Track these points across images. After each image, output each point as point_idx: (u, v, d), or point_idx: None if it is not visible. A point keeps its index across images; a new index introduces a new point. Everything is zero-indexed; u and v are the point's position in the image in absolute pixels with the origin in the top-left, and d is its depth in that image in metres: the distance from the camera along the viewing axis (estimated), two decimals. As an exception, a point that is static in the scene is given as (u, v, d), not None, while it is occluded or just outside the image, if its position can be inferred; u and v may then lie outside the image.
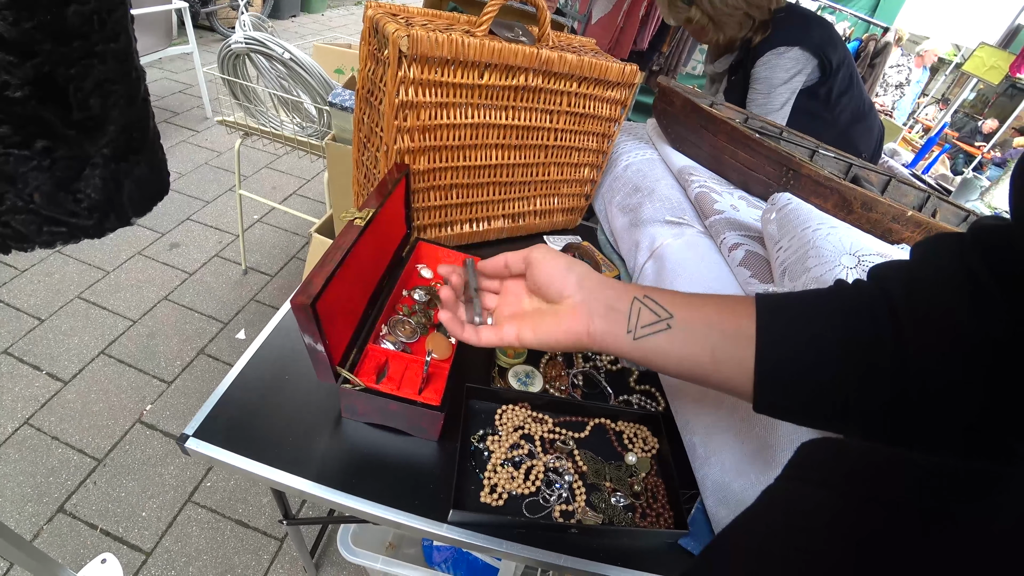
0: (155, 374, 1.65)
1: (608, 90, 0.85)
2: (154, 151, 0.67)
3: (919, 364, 0.35)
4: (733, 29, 1.37)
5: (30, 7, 0.45)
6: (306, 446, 0.59)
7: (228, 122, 1.64)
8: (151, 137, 0.66)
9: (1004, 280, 0.32)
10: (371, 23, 0.73)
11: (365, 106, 0.79)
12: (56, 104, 0.51)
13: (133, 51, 0.59)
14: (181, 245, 2.17)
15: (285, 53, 1.40)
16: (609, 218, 0.96)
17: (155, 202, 0.69)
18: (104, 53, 0.54)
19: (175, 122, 3.04)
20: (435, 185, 0.79)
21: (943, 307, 0.34)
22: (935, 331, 0.34)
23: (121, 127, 0.59)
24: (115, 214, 0.62)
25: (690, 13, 1.39)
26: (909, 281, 0.37)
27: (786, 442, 0.55)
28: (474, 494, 0.57)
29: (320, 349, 0.52)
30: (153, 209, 0.67)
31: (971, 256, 0.34)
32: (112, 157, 0.59)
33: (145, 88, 0.63)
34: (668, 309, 0.44)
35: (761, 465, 0.56)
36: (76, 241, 0.60)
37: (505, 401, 0.65)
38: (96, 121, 0.56)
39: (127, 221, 0.64)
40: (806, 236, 0.64)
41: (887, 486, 0.29)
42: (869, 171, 1.05)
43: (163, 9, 2.75)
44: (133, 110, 0.61)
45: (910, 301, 0.36)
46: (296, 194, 2.67)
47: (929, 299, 0.35)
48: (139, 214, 0.65)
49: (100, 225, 0.61)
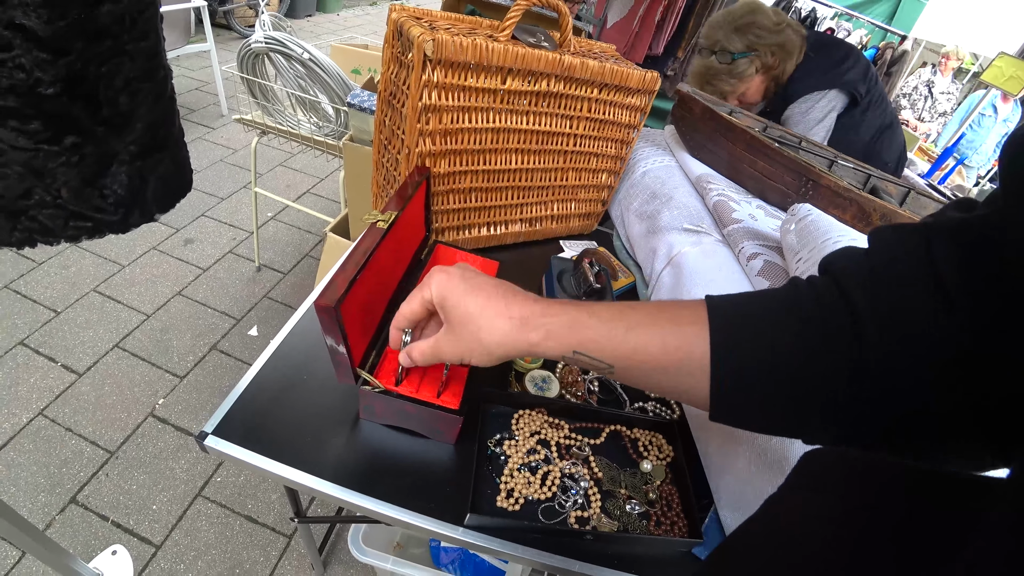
0: (168, 368, 1.67)
1: (628, 97, 0.86)
2: (178, 148, 0.68)
3: (882, 372, 0.32)
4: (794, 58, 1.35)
5: (64, 5, 0.46)
6: (322, 446, 0.60)
7: (245, 120, 1.65)
8: (176, 134, 0.67)
9: (975, 280, 0.29)
10: (395, 26, 0.73)
11: (387, 108, 0.80)
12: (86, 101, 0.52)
13: (161, 50, 0.60)
14: (196, 241, 2.19)
15: (304, 53, 1.42)
16: (626, 224, 0.96)
17: (178, 198, 0.70)
18: (134, 52, 0.55)
19: (191, 119, 3.07)
20: (455, 188, 0.79)
21: (908, 313, 0.32)
22: (899, 339, 0.32)
23: (148, 124, 0.60)
24: (140, 210, 0.62)
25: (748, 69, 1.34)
26: (870, 282, 0.34)
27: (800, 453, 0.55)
28: (490, 498, 0.57)
29: (341, 351, 0.52)
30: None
31: (938, 253, 0.31)
32: (138, 154, 0.60)
33: (171, 86, 0.64)
34: (606, 361, 0.41)
35: (778, 477, 0.55)
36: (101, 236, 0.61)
37: (522, 406, 0.65)
38: (124, 118, 0.57)
39: (151, 217, 0.64)
40: (827, 248, 0.64)
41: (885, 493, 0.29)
42: (888, 183, 1.05)
43: (182, 7, 2.78)
44: (159, 107, 0.61)
45: (872, 305, 0.33)
46: (310, 192, 2.69)
47: (892, 303, 0.32)
48: (163, 210, 0.66)
49: (125, 220, 0.62)
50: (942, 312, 0.30)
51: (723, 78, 1.36)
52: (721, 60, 1.34)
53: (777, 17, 1.32)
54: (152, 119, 0.61)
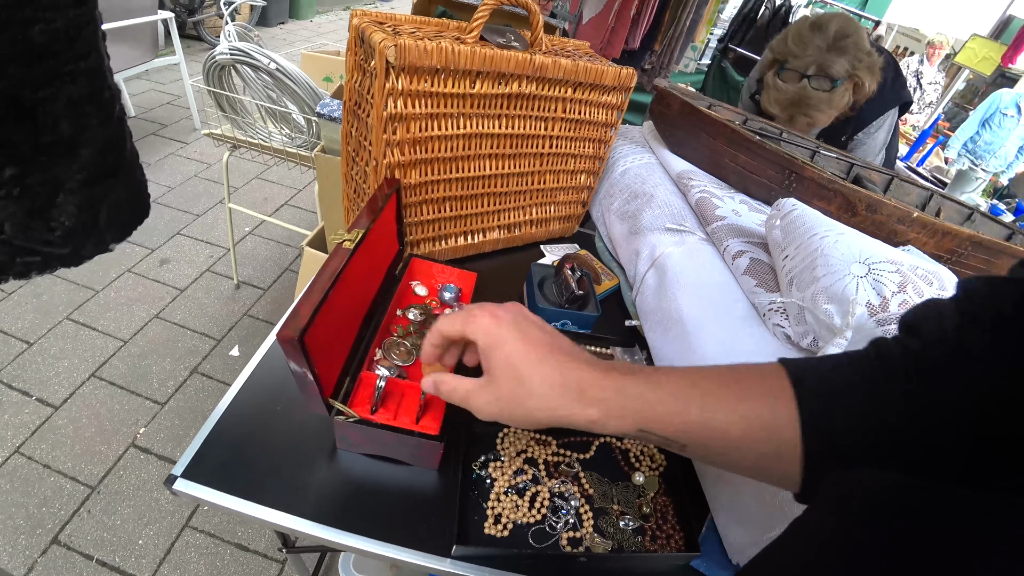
0: (148, 396, 1.62)
1: (604, 95, 0.83)
2: (132, 173, 0.64)
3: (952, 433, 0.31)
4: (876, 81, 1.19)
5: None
6: (300, 480, 0.56)
7: (215, 135, 1.61)
8: (128, 158, 0.63)
9: None
10: (357, 32, 0.70)
11: (353, 119, 0.76)
12: (24, 128, 0.48)
13: (105, 69, 0.56)
14: (171, 261, 2.13)
15: (271, 63, 1.38)
16: (607, 225, 0.94)
17: (135, 226, 0.66)
18: (74, 73, 0.51)
19: (163, 134, 3.01)
20: (427, 199, 0.76)
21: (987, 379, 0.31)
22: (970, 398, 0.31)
23: (95, 149, 0.56)
24: (92, 241, 0.59)
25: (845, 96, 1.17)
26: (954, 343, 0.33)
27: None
28: (478, 525, 0.54)
29: (311, 382, 0.49)
30: (143, 225, 0.64)
31: None
32: (87, 181, 0.56)
33: (121, 107, 0.60)
34: (677, 440, 0.38)
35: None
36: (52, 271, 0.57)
37: (506, 424, 0.62)
38: (68, 144, 0.53)
39: (105, 247, 0.61)
40: (813, 244, 0.62)
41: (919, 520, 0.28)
42: (871, 171, 1.03)
43: (148, 20, 2.72)
44: (107, 131, 0.58)
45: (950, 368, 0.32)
46: (288, 204, 2.64)
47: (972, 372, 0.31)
48: (118, 239, 0.62)
49: (77, 253, 0.58)
50: None
51: (821, 108, 1.15)
52: (818, 87, 1.12)
53: (867, 34, 1.15)
54: (100, 143, 0.58)
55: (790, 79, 1.15)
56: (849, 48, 1.10)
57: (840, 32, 1.10)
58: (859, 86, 1.14)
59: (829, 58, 1.10)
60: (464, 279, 0.75)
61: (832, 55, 1.10)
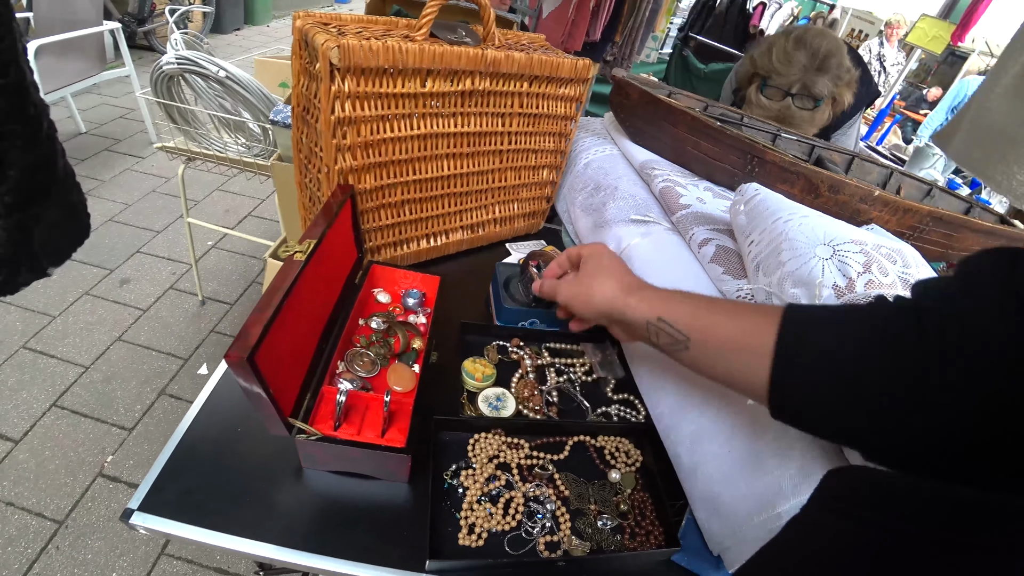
0: (114, 422, 1.56)
1: (561, 87, 0.82)
2: (66, 192, 0.61)
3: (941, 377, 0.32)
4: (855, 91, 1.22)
5: None
6: (266, 504, 0.54)
7: (168, 148, 1.55)
8: (60, 177, 0.59)
9: None
10: (300, 35, 0.67)
11: (302, 125, 0.74)
12: (-58, 153, 0.45)
13: (28, 85, 0.53)
14: (132, 280, 2.06)
15: (220, 71, 1.33)
16: (573, 220, 0.93)
17: (74, 248, 0.63)
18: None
19: (118, 150, 2.91)
20: (385, 203, 0.74)
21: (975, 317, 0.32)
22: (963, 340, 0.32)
23: (23, 169, 0.53)
24: (27, 266, 0.56)
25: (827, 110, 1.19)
26: (946, 294, 0.35)
27: (773, 449, 0.52)
28: (452, 537, 0.53)
29: (266, 402, 0.47)
30: (100, 245, 0.61)
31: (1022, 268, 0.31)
32: (16, 205, 0.53)
33: (50, 124, 0.56)
34: (684, 332, 0.47)
35: (750, 473, 0.53)
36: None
37: (476, 429, 0.60)
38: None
39: (43, 272, 0.58)
40: (777, 228, 0.61)
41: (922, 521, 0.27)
42: (832, 151, 1.04)
43: (94, 32, 2.61)
44: (35, 150, 0.54)
45: (942, 312, 0.34)
46: (252, 215, 2.58)
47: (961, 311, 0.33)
48: (56, 263, 0.59)
49: (12, 280, 0.55)
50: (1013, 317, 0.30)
51: (803, 126, 1.18)
52: (802, 106, 1.14)
53: (846, 50, 1.16)
54: (27, 164, 0.54)
55: (774, 96, 1.17)
56: (832, 67, 1.12)
57: (824, 51, 1.11)
58: (838, 102, 1.17)
59: (813, 77, 1.12)
60: (428, 283, 0.73)
61: (816, 74, 1.12)
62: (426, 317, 0.70)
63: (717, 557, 0.54)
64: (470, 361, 0.66)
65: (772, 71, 1.15)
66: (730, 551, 0.52)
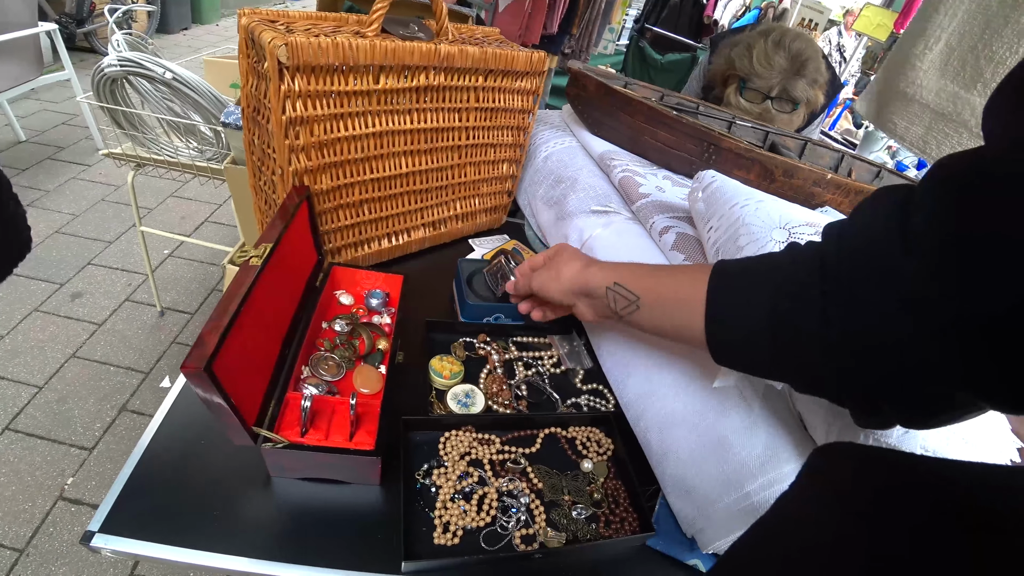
0: (73, 442, 1.49)
1: (517, 80, 0.82)
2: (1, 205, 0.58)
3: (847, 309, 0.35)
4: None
5: None
6: (235, 517, 0.53)
7: (115, 154, 1.49)
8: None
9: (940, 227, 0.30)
10: (246, 33, 0.65)
11: (253, 126, 0.71)
12: None
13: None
14: (85, 294, 1.97)
15: (166, 73, 1.28)
16: (535, 213, 0.93)
17: (14, 264, 0.59)
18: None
19: (61, 157, 2.77)
20: (343, 203, 0.72)
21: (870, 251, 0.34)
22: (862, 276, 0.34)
23: (-52, 182, 0.50)
24: (-41, 286, 0.53)
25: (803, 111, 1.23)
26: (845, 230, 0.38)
27: (740, 429, 0.54)
28: (426, 536, 0.52)
29: (228, 412, 0.46)
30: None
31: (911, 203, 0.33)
32: (-58, 221, 0.50)
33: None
34: (635, 292, 0.53)
35: (718, 455, 0.54)
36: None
37: (447, 427, 0.60)
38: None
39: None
40: (735, 213, 0.63)
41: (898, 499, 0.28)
42: (786, 137, 1.07)
43: (28, 33, 2.48)
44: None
45: (839, 248, 0.37)
46: (209, 221, 2.49)
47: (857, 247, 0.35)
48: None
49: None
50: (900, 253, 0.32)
51: (779, 127, 1.19)
52: (780, 109, 1.18)
53: (822, 53, 1.19)
54: (-50, 176, 0.51)
55: (753, 99, 1.19)
56: (810, 71, 1.15)
57: (804, 55, 1.13)
58: (811, 103, 1.21)
59: (793, 81, 1.14)
60: (391, 283, 0.72)
61: (795, 78, 1.14)
62: (390, 317, 0.69)
63: (691, 539, 0.56)
64: (437, 359, 0.66)
65: (752, 73, 1.16)
66: (703, 532, 0.53)
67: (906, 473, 0.29)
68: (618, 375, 0.67)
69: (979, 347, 0.28)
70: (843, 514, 0.29)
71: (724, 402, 0.56)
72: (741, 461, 0.52)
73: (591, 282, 0.57)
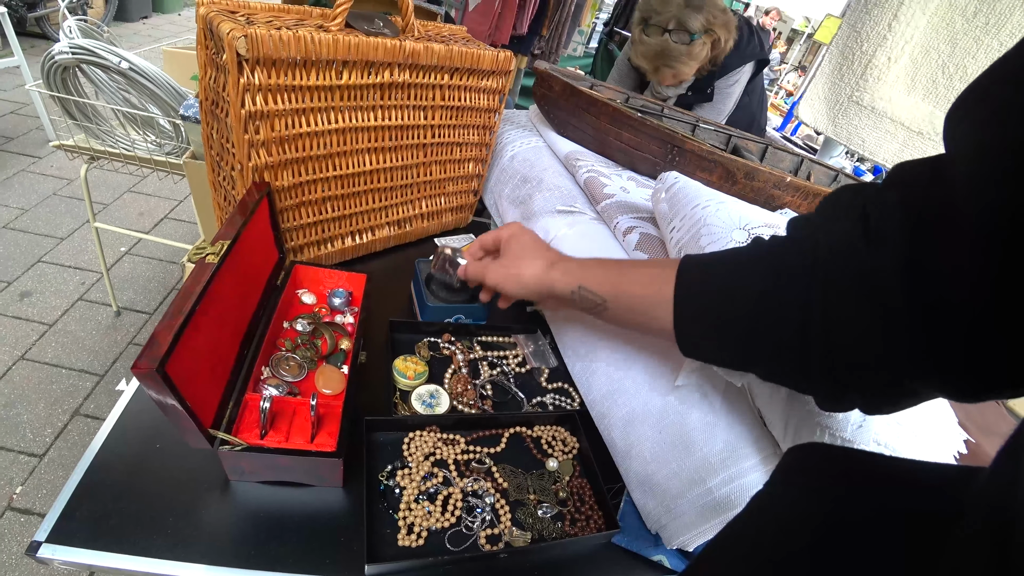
0: (21, 449, 1.42)
1: (483, 79, 0.81)
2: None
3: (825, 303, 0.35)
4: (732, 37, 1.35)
5: None
6: (192, 522, 0.51)
7: (67, 146, 1.43)
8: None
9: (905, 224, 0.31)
10: (205, 23, 0.63)
11: (212, 120, 0.69)
12: None
13: None
14: (34, 293, 1.88)
15: (122, 62, 1.23)
16: (500, 212, 0.93)
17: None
18: None
19: (10, 149, 2.64)
20: (305, 200, 0.71)
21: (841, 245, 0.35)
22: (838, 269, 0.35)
23: None
24: None
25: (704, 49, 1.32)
26: (816, 228, 0.39)
27: (701, 426, 0.55)
28: (391, 538, 0.52)
29: (183, 414, 0.44)
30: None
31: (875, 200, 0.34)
32: None
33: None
34: (601, 295, 0.53)
35: (681, 452, 0.55)
36: None
37: (411, 428, 0.60)
38: None
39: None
40: (696, 214, 0.64)
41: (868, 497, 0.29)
42: (748, 140, 1.09)
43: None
44: None
45: (815, 245, 0.37)
46: (168, 218, 2.41)
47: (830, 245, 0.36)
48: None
49: None
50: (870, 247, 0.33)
51: (682, 59, 1.31)
52: (678, 40, 1.29)
53: None
54: None
55: (653, 33, 1.32)
56: (705, 6, 1.26)
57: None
58: (716, 41, 1.32)
59: (686, 13, 1.26)
60: (354, 281, 0.71)
61: (689, 11, 1.26)
62: (353, 317, 0.68)
63: (655, 535, 0.56)
64: (401, 360, 0.65)
65: (652, 11, 1.31)
66: (667, 528, 0.54)
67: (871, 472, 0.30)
68: (583, 373, 0.68)
69: (945, 335, 0.29)
70: (818, 511, 0.30)
71: (686, 400, 0.57)
72: (703, 457, 0.53)
73: (556, 286, 0.57)
